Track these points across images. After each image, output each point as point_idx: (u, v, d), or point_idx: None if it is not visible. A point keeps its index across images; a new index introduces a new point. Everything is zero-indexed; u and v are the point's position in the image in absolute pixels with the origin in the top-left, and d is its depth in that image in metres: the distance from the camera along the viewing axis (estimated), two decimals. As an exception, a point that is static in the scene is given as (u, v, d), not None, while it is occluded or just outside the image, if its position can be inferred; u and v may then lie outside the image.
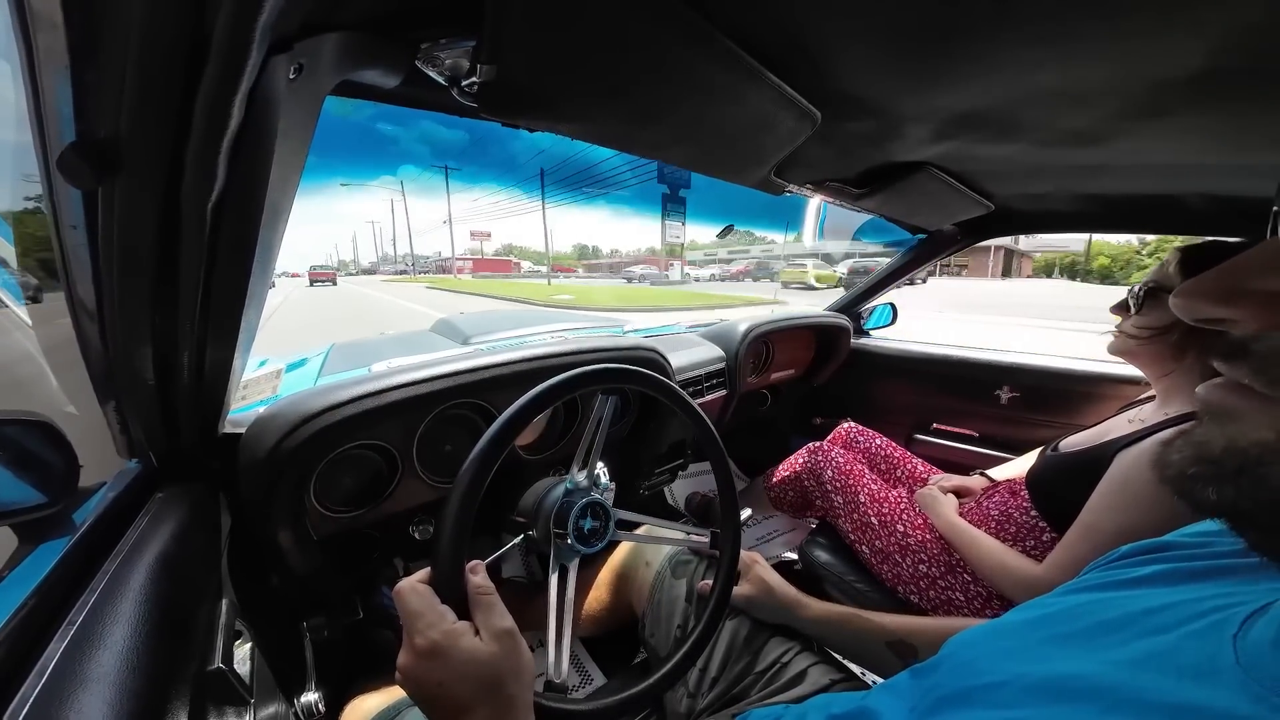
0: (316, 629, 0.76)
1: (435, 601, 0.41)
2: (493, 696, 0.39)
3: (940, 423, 1.61)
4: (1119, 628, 0.30)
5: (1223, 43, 0.44)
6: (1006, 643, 0.35)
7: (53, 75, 0.33)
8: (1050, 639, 0.33)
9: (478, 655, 0.39)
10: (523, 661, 0.41)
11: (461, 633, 0.40)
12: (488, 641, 0.40)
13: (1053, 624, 0.34)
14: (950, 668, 0.37)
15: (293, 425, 0.63)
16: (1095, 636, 0.30)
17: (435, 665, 0.38)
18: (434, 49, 0.43)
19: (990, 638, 0.37)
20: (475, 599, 0.42)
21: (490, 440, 0.48)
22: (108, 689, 0.33)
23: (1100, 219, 1.21)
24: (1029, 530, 0.86)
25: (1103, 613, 0.32)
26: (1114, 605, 0.32)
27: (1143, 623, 0.29)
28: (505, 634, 0.41)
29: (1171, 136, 0.68)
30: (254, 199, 0.40)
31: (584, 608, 0.93)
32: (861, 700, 0.42)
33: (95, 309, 0.45)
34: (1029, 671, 0.30)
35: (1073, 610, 0.34)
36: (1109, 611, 0.31)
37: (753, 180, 0.86)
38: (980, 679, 0.33)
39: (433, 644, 0.39)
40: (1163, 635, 0.27)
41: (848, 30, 0.47)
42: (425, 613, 0.40)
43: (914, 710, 0.36)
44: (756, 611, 0.71)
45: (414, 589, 0.42)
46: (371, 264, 58.24)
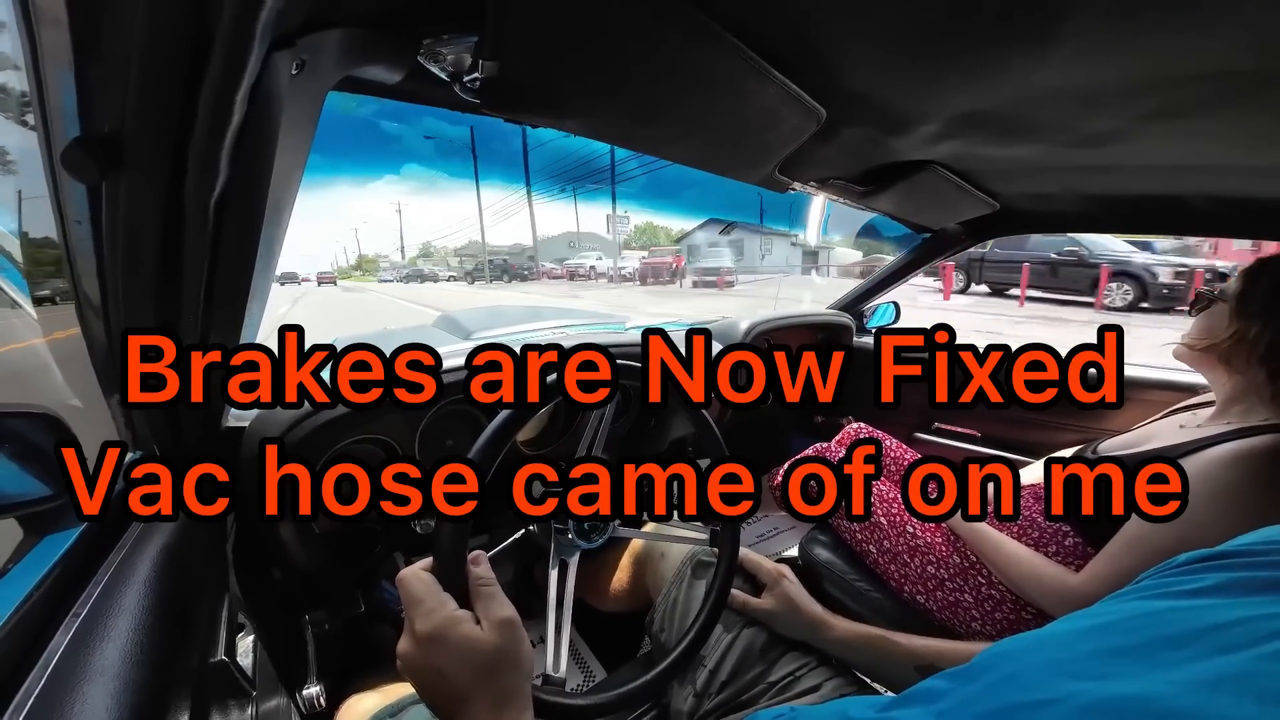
0: (318, 622, 0.77)
1: (437, 589, 0.41)
2: (492, 685, 0.39)
3: (942, 422, 1.61)
4: (1183, 644, 0.27)
5: (1233, 44, 0.43)
6: (1054, 654, 0.32)
7: (56, 71, 0.33)
8: (1104, 652, 0.29)
9: (478, 643, 0.39)
10: (523, 651, 0.41)
11: (462, 620, 0.40)
12: (489, 630, 0.40)
13: (1106, 635, 0.31)
14: (994, 679, 0.33)
15: (295, 420, 0.63)
16: (1157, 652, 0.27)
17: (435, 652, 0.39)
18: (436, 45, 0.43)
19: (1035, 648, 0.33)
20: (476, 589, 0.43)
21: (499, 425, 0.49)
22: (112, 681, 0.34)
23: (1107, 219, 1.20)
24: (1052, 535, 0.84)
25: (1163, 626, 0.29)
26: (1175, 618, 0.29)
27: (1210, 639, 0.26)
28: (506, 623, 0.41)
29: (1179, 138, 0.67)
30: (257, 194, 0.40)
31: (608, 587, 0.93)
32: (885, 710, 0.39)
33: (100, 303, 0.45)
34: (1083, 690, 0.27)
35: (1128, 621, 0.31)
36: (1174, 625, 0.28)
37: (756, 178, 0.85)
38: (1026, 694, 0.30)
39: (434, 630, 0.39)
40: (1235, 654, 0.25)
41: (855, 29, 0.47)
42: (426, 599, 0.40)
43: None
44: (779, 626, 0.70)
45: (417, 576, 0.42)
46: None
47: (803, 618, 0.68)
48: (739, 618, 0.71)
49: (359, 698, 0.67)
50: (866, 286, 1.71)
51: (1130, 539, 0.71)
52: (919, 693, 0.38)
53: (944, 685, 0.37)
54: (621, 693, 0.53)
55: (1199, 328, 0.79)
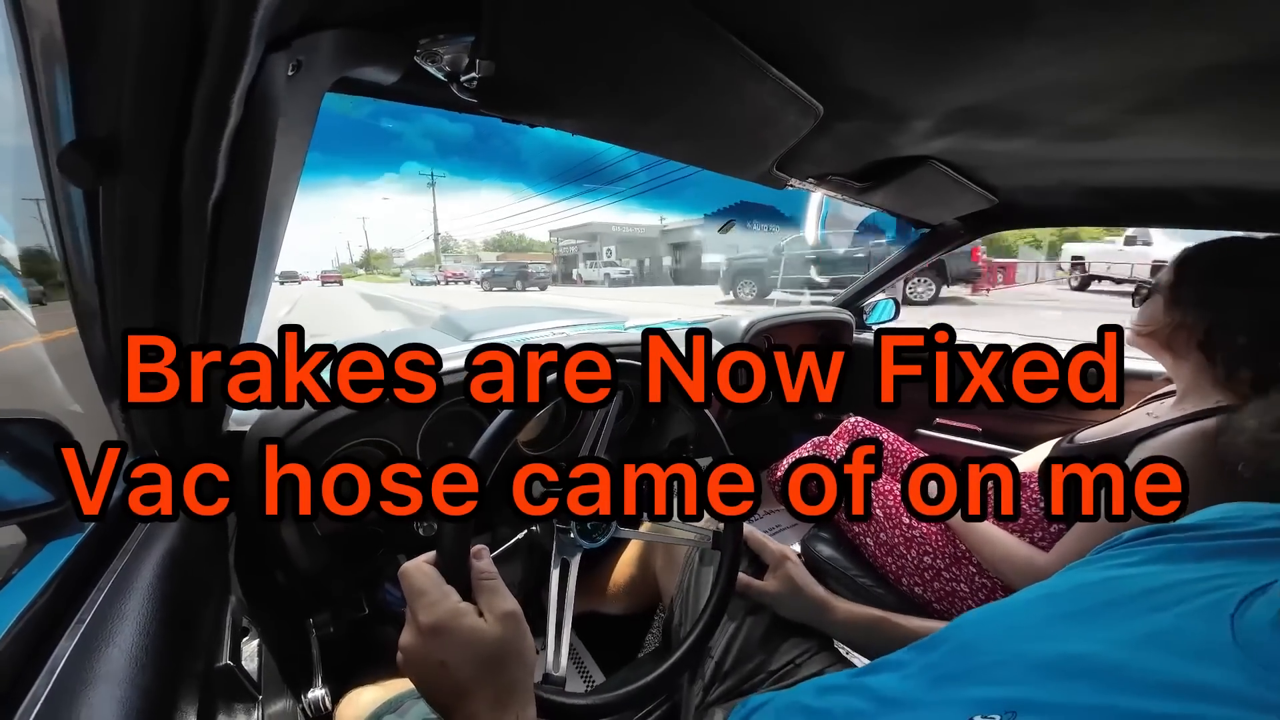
0: (322, 625, 0.77)
1: (441, 581, 0.41)
2: (494, 679, 0.38)
3: (943, 417, 1.61)
4: (1121, 606, 0.30)
5: (1229, 35, 0.43)
6: (1010, 621, 0.35)
7: (51, 74, 0.33)
8: (1054, 617, 0.33)
9: (482, 635, 0.39)
10: (526, 645, 0.41)
11: (465, 612, 0.40)
12: (492, 623, 0.40)
13: (1057, 602, 0.34)
14: (952, 647, 0.37)
15: (296, 423, 0.63)
16: (1098, 615, 0.31)
17: (438, 644, 0.38)
18: (433, 45, 0.42)
19: (994, 617, 0.37)
20: (480, 582, 0.43)
21: (499, 426, 0.49)
22: (118, 686, 0.34)
23: (1106, 213, 1.20)
24: (1037, 522, 0.86)
25: (1107, 592, 0.32)
26: (1118, 585, 0.32)
27: (1144, 601, 0.29)
28: (510, 616, 0.41)
29: (1177, 130, 0.67)
30: (255, 196, 0.40)
31: (607, 588, 0.93)
32: (855, 676, 0.42)
33: (98, 308, 0.45)
34: (1030, 650, 0.30)
35: (1078, 589, 0.34)
36: (1113, 591, 0.32)
37: (754, 175, 0.85)
38: (981, 657, 0.33)
39: (437, 621, 0.39)
40: (1163, 614, 0.28)
41: (851, 24, 0.47)
42: (430, 591, 0.40)
43: (914, 685, 0.36)
44: (782, 609, 0.70)
45: (420, 568, 0.42)
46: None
47: (806, 599, 0.68)
48: (742, 605, 0.71)
49: (359, 692, 0.67)
50: (866, 283, 1.71)
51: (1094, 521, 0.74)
52: (888, 662, 0.42)
53: (909, 656, 0.40)
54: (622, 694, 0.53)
55: (1140, 318, 0.81)
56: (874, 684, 0.39)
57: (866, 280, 1.71)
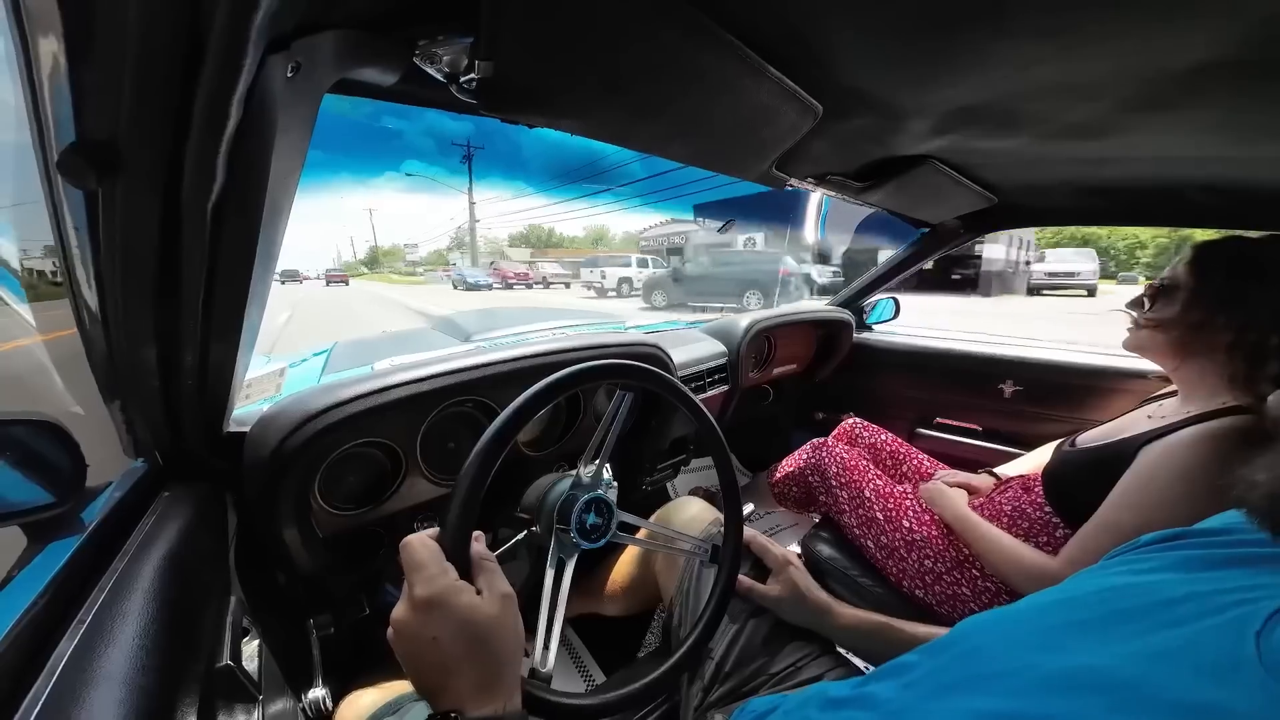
0: (323, 626, 0.77)
1: (441, 557, 0.41)
2: (483, 658, 0.38)
3: (943, 417, 1.61)
4: (1136, 618, 0.28)
5: (1223, 34, 0.43)
6: (1018, 628, 0.34)
7: (51, 76, 0.33)
8: (1064, 625, 0.31)
9: (478, 611, 0.39)
10: (518, 628, 0.41)
11: (463, 589, 0.40)
12: (489, 601, 0.40)
13: (1068, 609, 0.33)
14: (959, 652, 0.35)
15: (296, 424, 0.63)
16: (1111, 626, 0.29)
17: (432, 619, 0.38)
18: (432, 46, 0.42)
19: (1003, 623, 0.35)
20: (479, 564, 0.43)
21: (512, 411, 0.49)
22: (118, 687, 0.34)
23: (1105, 212, 1.20)
24: (1042, 526, 0.85)
25: (1120, 601, 0.30)
26: (1132, 594, 0.30)
27: (1161, 614, 0.28)
28: (507, 597, 0.41)
29: (1174, 128, 0.68)
30: (254, 197, 0.40)
31: (605, 589, 0.93)
32: (860, 685, 0.41)
33: (99, 309, 0.45)
34: (1040, 661, 0.29)
35: (1089, 597, 0.33)
36: (1126, 600, 0.30)
37: (753, 174, 0.85)
38: (989, 665, 0.31)
39: (434, 595, 0.38)
40: (1182, 627, 0.26)
41: (849, 24, 0.47)
42: (429, 565, 0.40)
43: (917, 695, 0.35)
44: (785, 614, 0.70)
45: (422, 542, 0.42)
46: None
47: (808, 604, 0.68)
48: (743, 608, 0.71)
49: (358, 694, 0.67)
50: (866, 282, 1.71)
51: (1101, 523, 0.73)
52: (892, 668, 0.40)
53: (915, 659, 0.39)
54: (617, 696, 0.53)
55: (1156, 315, 0.79)
56: (879, 696, 0.38)
57: (867, 279, 1.71)
